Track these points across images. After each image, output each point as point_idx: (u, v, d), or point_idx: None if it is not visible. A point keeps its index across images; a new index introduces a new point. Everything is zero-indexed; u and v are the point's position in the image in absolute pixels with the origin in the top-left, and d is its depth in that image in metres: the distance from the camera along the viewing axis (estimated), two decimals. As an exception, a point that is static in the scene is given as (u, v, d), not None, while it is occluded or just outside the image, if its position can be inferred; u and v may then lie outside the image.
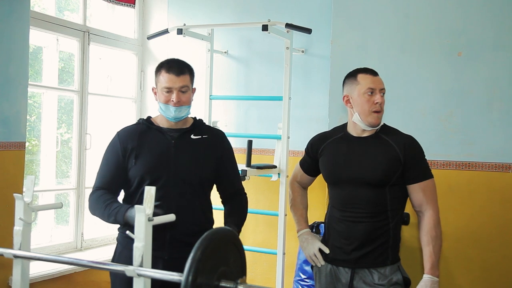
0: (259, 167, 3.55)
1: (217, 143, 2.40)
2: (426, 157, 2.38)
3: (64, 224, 4.15)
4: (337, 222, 2.42)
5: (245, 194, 2.51)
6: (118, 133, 2.40)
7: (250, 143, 3.56)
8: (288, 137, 3.67)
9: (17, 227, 1.74)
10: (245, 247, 1.61)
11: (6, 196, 2.91)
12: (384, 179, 2.31)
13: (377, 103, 2.31)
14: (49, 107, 3.99)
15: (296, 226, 2.63)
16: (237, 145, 4.22)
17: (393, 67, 3.30)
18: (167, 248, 2.20)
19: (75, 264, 2.01)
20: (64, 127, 4.24)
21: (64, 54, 4.20)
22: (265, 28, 3.44)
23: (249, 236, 4.14)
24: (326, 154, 2.48)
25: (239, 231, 2.33)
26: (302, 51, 4.04)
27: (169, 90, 2.29)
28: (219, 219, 2.44)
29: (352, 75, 2.41)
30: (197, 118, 2.48)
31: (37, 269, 3.44)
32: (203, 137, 2.38)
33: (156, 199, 1.60)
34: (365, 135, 2.40)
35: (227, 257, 1.49)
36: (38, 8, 3.97)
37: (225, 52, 4.30)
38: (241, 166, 3.48)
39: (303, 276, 3.68)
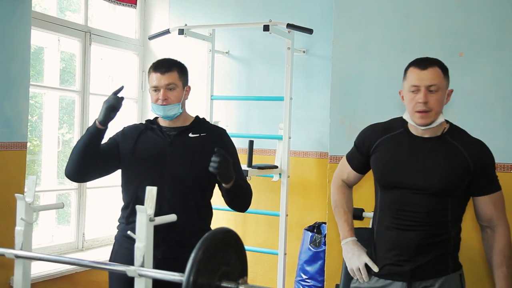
0: (260, 167, 3.55)
1: (215, 140, 2.37)
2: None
3: (65, 224, 4.16)
4: (387, 230, 2.13)
5: (249, 184, 2.45)
6: (124, 127, 2.48)
7: (251, 143, 3.56)
8: (289, 138, 3.68)
9: (19, 227, 1.75)
10: (246, 247, 1.61)
11: (8, 196, 2.91)
12: (449, 189, 2.04)
13: (420, 102, 2.01)
14: (50, 107, 4.00)
15: (340, 233, 2.30)
16: (238, 145, 4.19)
17: (395, 68, 3.29)
18: (161, 247, 2.18)
19: (77, 264, 2.02)
20: (65, 127, 4.24)
21: (65, 54, 4.20)
22: (266, 28, 3.44)
23: (250, 236, 4.14)
24: (382, 152, 2.15)
25: (236, 181, 2.26)
26: (304, 51, 4.04)
27: (156, 89, 2.33)
28: (219, 220, 2.44)
29: (406, 68, 2.13)
30: (200, 117, 2.48)
31: (39, 269, 3.44)
32: (201, 136, 2.37)
33: None
34: (427, 135, 2.09)
35: (228, 257, 1.49)
36: (40, 8, 3.97)
37: (227, 52, 4.31)
38: (242, 166, 3.48)
39: (304, 276, 3.69)
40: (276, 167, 3.65)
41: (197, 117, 2.47)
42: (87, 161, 2.30)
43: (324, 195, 3.34)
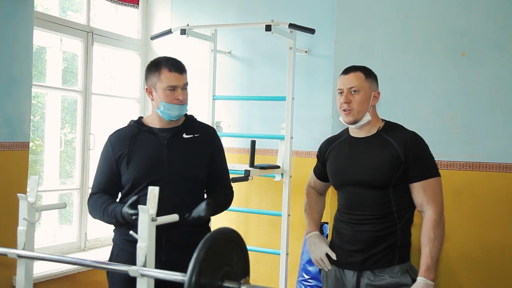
0: (262, 167, 3.55)
1: (208, 140, 2.41)
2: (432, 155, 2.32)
3: (67, 224, 4.16)
4: (344, 225, 2.37)
5: (232, 189, 2.49)
6: (110, 138, 2.40)
7: (253, 143, 3.56)
8: (291, 137, 3.67)
9: (21, 227, 1.75)
10: (248, 247, 1.61)
11: (10, 196, 2.92)
12: (385, 180, 2.25)
13: (343, 102, 2.29)
14: (52, 107, 4.00)
15: (307, 228, 2.61)
16: (240, 145, 4.22)
17: (397, 67, 3.30)
18: (164, 249, 2.18)
19: (79, 264, 2.02)
20: (67, 127, 4.25)
21: (67, 54, 4.21)
22: (268, 28, 3.43)
23: (252, 236, 4.14)
24: (331, 158, 2.45)
25: (213, 210, 2.26)
26: (306, 51, 4.03)
27: (174, 89, 2.29)
28: (221, 220, 2.44)
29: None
30: (188, 115, 2.46)
31: (41, 269, 3.45)
32: (194, 136, 2.38)
33: None
34: (363, 135, 2.36)
35: (231, 257, 1.49)
36: (41, 8, 3.98)
37: (229, 52, 4.31)
38: (245, 166, 3.49)
39: (306, 277, 3.68)
40: (278, 167, 3.65)
41: (186, 115, 2.45)
42: None
43: (326, 196, 3.34)
